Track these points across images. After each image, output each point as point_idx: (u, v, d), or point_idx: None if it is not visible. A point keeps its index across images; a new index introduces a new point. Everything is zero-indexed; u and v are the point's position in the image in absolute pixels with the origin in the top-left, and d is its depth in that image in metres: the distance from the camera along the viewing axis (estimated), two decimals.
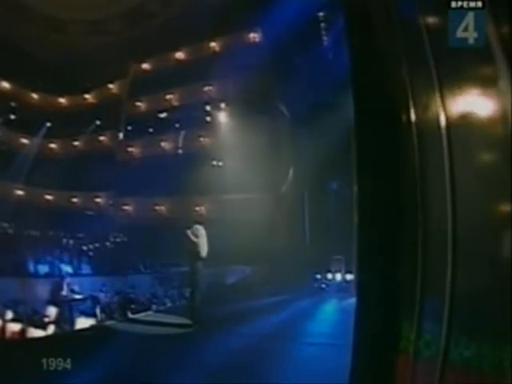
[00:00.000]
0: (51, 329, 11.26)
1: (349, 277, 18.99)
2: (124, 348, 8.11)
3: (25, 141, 31.76)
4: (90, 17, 30.82)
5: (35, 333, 10.54)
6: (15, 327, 10.62)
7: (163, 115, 31.26)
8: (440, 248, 3.55)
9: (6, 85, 31.72)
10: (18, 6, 29.35)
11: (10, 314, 11.42)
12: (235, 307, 13.07)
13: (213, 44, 30.36)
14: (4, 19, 28.66)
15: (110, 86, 33.73)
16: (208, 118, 28.94)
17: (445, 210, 3.50)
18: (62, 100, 34.67)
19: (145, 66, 32.97)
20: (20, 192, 30.14)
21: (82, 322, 12.33)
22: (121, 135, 32.35)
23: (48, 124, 31.82)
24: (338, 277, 19.24)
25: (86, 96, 34.30)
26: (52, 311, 13.02)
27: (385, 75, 4.46)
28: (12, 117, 31.52)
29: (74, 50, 30.42)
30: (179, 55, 31.73)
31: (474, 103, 3.38)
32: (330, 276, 19.28)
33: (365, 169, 4.55)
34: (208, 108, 29.01)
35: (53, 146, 33.42)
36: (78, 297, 15.68)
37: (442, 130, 3.63)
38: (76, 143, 33.08)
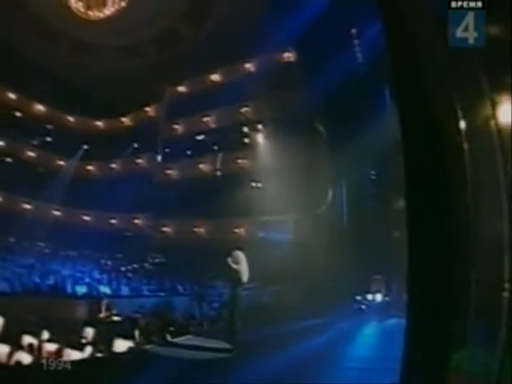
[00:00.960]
0: (88, 350, 11.11)
1: (388, 297, 18.61)
2: (163, 373, 7.96)
3: (61, 162, 32.61)
4: (121, 41, 31.47)
5: (72, 354, 10.41)
6: (51, 347, 10.48)
7: (201, 137, 31.51)
8: (495, 266, 3.33)
9: (40, 108, 32.89)
10: (50, 31, 30.31)
11: (46, 334, 11.35)
12: (275, 330, 12.74)
13: (247, 65, 30.56)
14: (36, 45, 29.66)
15: (147, 108, 34.45)
16: (246, 140, 28.96)
17: (500, 225, 3.27)
18: (98, 123, 35.69)
19: (180, 88, 33.41)
20: (57, 212, 30.84)
21: (120, 345, 12.14)
22: (159, 158, 32.70)
23: (85, 146, 32.76)
24: (378, 297, 18.77)
25: (123, 119, 35.23)
26: (89, 332, 12.89)
27: (429, 85, 4.24)
28: (48, 139, 32.61)
29: (107, 74, 31.14)
30: (214, 77, 32.00)
31: None
32: (369, 297, 18.81)
33: (414, 185, 4.34)
34: (245, 129, 29.05)
35: (90, 167, 34.30)
36: (116, 318, 15.64)
37: (495, 138, 3.41)
38: (113, 165, 33.81)
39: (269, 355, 9.11)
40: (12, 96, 31.31)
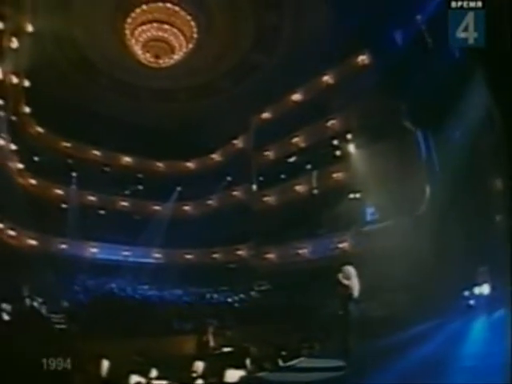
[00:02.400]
0: None
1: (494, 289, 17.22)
2: None
3: (157, 207, 34.09)
4: (195, 81, 32.78)
5: None
6: None
7: (292, 159, 31.37)
8: None
9: (128, 159, 35.04)
10: (128, 87, 32.35)
11: (154, 372, 11.41)
12: (387, 341, 12.07)
13: (325, 77, 30.22)
14: (117, 102, 31.47)
15: (235, 141, 35.30)
16: (337, 152, 28.41)
17: None
18: (189, 164, 37.19)
19: (265, 115, 33.62)
20: (158, 255, 32.12)
21: (232, 375, 11.91)
22: (254, 187, 32.97)
23: (178, 188, 34.12)
24: (486, 290, 17.36)
25: (213, 156, 36.34)
26: (199, 366, 12.84)
27: None
28: (140, 187, 34.60)
29: (189, 115, 32.30)
30: (296, 97, 31.96)
31: None
32: (477, 290, 17.45)
33: None
34: (335, 142, 28.59)
35: (186, 208, 35.53)
36: (226, 349, 15.50)
37: None
38: (210, 202, 34.70)
39: (382, 368, 8.69)
40: (97, 153, 33.66)
